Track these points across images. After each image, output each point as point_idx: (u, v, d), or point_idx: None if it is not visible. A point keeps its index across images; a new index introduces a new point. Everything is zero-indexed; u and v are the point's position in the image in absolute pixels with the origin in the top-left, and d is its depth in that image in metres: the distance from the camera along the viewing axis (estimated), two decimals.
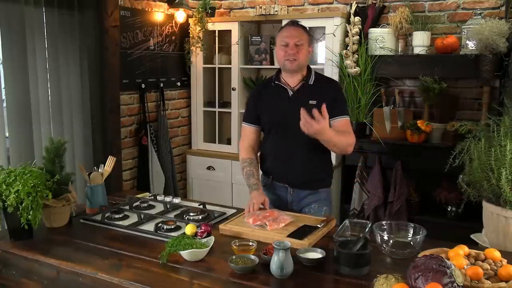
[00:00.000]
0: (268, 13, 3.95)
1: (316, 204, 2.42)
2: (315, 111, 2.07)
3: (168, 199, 2.47)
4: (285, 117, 2.35)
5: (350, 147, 2.31)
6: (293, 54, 2.28)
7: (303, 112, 2.07)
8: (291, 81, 2.38)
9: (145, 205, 2.40)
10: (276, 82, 2.41)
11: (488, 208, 1.98)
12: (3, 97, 2.94)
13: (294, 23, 2.36)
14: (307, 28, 2.41)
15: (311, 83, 2.37)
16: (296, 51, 2.28)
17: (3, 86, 2.94)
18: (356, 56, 3.63)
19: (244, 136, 2.52)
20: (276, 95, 2.40)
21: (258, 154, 2.54)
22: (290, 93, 2.37)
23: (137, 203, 2.43)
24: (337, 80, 3.60)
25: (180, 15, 4.13)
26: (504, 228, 1.91)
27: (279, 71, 2.45)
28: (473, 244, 2.04)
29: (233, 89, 4.17)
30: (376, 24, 3.77)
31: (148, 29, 3.93)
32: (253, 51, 4.13)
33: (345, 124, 2.34)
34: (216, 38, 4.20)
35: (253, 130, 2.49)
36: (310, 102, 2.30)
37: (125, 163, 3.86)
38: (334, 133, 2.19)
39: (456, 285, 1.37)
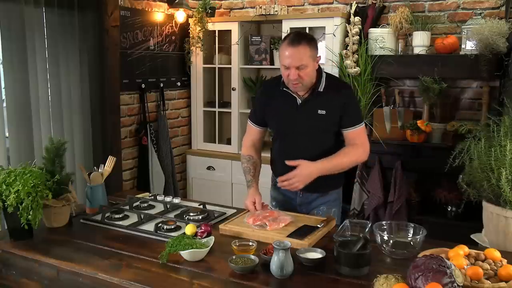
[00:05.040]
0: (268, 13, 3.94)
1: (325, 206, 2.35)
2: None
3: (168, 199, 2.47)
4: (292, 125, 2.28)
5: (359, 158, 2.27)
6: (295, 79, 2.11)
7: (282, 179, 2.13)
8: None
9: (145, 205, 2.40)
10: (284, 88, 2.26)
11: (488, 208, 1.98)
12: (3, 97, 2.94)
13: (294, 42, 2.09)
14: (313, 38, 2.20)
15: (321, 90, 2.22)
16: (298, 75, 2.10)
17: (3, 86, 2.94)
18: (356, 56, 3.63)
19: (248, 133, 2.48)
20: (284, 101, 2.27)
21: (265, 155, 2.51)
22: (299, 101, 2.25)
23: (137, 203, 2.43)
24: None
25: (180, 15, 4.13)
26: (504, 228, 1.91)
27: None
28: (473, 244, 2.04)
29: (233, 89, 4.17)
30: (376, 24, 3.77)
31: (148, 29, 3.92)
32: (253, 51, 4.13)
33: (357, 134, 2.24)
34: (216, 38, 4.20)
35: (256, 130, 2.44)
36: (319, 112, 2.21)
37: (125, 163, 3.86)
38: (328, 162, 2.16)
39: (456, 285, 1.37)
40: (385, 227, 1.89)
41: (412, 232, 1.87)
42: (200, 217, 2.19)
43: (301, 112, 2.25)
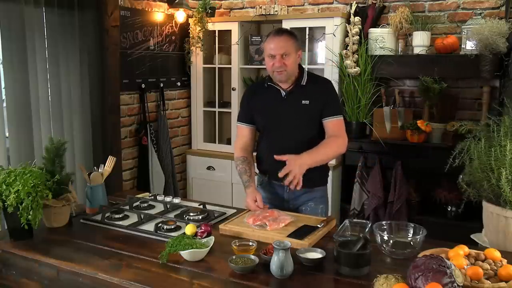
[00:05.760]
0: (268, 13, 3.94)
1: (313, 202, 2.43)
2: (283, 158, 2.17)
3: (168, 199, 2.47)
4: (278, 118, 2.37)
5: (340, 149, 2.37)
6: (279, 67, 2.26)
7: (283, 174, 2.15)
8: (283, 84, 2.39)
9: (145, 205, 2.40)
10: (269, 83, 2.40)
11: (488, 208, 1.98)
12: (3, 97, 2.94)
13: (278, 32, 2.31)
14: (294, 33, 2.36)
15: (304, 83, 2.36)
16: (283, 63, 2.26)
17: (3, 86, 2.94)
18: (356, 56, 3.63)
19: (239, 135, 2.53)
20: (269, 96, 2.40)
21: (254, 154, 2.53)
22: (283, 93, 2.37)
23: (137, 203, 2.43)
24: (335, 80, 3.62)
25: (180, 15, 4.13)
26: (504, 228, 1.91)
27: None
28: (473, 244, 2.04)
29: (233, 89, 4.17)
30: (376, 24, 3.77)
31: (148, 29, 3.92)
32: (253, 51, 4.13)
33: (336, 124, 2.35)
34: (216, 38, 4.20)
35: (247, 129, 2.49)
36: (303, 102, 2.34)
37: (125, 163, 3.86)
38: (313, 153, 2.23)
39: (456, 285, 1.37)
40: (385, 227, 1.89)
41: (412, 232, 1.87)
42: (200, 217, 2.19)
43: (286, 104, 2.37)
